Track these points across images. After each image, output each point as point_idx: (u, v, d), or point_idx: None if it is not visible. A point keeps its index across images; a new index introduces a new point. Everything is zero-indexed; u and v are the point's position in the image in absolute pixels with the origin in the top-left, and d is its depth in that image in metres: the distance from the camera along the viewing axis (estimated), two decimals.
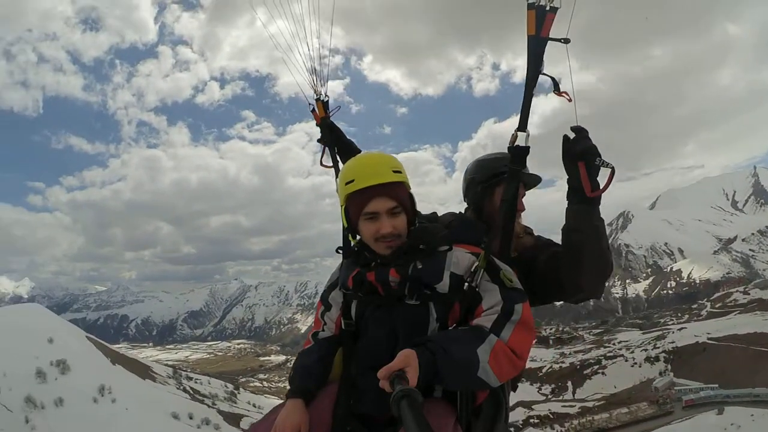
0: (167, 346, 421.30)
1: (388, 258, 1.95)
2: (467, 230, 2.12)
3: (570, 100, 2.08)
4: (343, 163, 2.21)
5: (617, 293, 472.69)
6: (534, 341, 1.91)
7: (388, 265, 1.95)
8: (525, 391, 75.07)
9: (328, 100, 3.03)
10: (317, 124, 3.02)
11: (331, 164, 2.91)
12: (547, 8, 2.04)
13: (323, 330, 2.23)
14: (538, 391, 78.56)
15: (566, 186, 2.08)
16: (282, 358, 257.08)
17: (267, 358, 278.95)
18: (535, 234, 2.61)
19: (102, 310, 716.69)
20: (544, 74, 2.09)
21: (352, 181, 1.93)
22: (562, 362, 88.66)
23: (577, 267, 2.07)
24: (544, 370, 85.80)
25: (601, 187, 1.97)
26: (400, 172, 1.96)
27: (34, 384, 66.62)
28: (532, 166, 2.33)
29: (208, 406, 72.53)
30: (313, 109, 3.02)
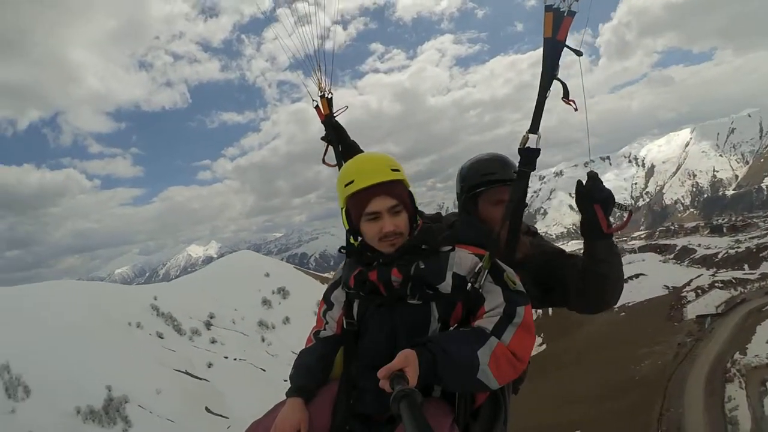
0: None
1: (390, 257, 1.91)
2: (470, 231, 2.10)
3: (576, 110, 2.09)
4: (345, 162, 2.15)
5: None
6: (534, 344, 1.86)
7: (390, 265, 1.91)
8: (701, 276, 76.18)
9: (332, 97, 2.93)
10: (322, 122, 2.93)
11: (335, 163, 2.83)
12: (565, 12, 2.00)
13: (325, 329, 2.17)
14: (713, 276, 78.26)
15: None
16: None
17: None
18: (536, 232, 2.65)
19: (283, 252, 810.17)
20: (557, 79, 2.06)
21: (352, 181, 1.89)
22: (738, 248, 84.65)
23: (607, 290, 2.18)
24: (719, 256, 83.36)
25: (615, 225, 2.07)
26: (398, 170, 1.92)
27: (261, 310, 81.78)
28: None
29: None
30: (317, 105, 2.92)
